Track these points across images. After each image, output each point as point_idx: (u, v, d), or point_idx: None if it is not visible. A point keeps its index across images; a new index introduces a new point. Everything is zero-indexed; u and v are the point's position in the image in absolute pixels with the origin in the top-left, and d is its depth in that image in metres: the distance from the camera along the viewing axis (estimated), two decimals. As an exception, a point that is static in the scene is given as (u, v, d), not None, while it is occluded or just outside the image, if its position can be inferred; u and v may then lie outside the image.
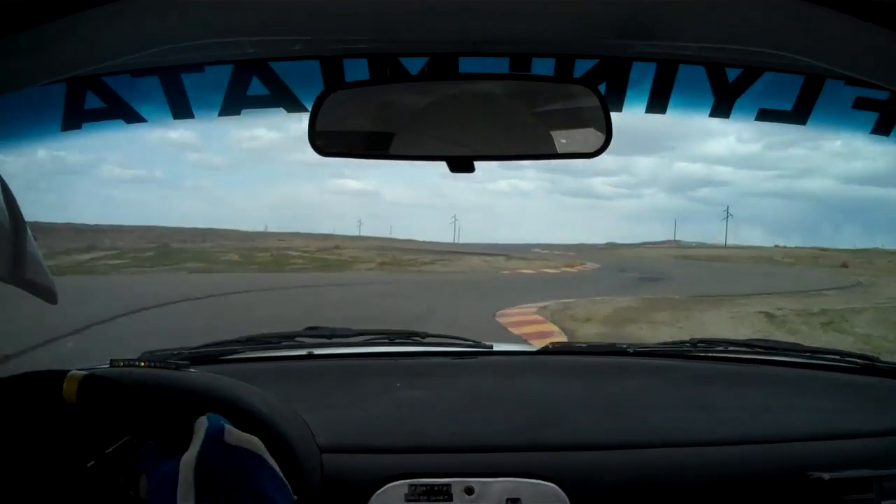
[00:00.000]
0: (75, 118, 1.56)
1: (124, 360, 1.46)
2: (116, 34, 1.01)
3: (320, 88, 1.32)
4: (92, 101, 1.55)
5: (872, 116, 1.58)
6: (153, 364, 1.46)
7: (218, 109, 1.60)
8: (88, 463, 1.20)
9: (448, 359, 1.93)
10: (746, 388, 1.80)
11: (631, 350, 2.00)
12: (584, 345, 2.08)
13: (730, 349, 2.01)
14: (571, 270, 32.62)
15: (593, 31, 1.26)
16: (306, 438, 1.40)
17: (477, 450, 1.46)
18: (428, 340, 2.04)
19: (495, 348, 2.01)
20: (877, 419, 1.60)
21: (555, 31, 1.28)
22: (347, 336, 2.00)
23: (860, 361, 1.91)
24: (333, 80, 1.50)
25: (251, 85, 1.57)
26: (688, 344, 2.04)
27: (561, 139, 1.34)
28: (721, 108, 1.60)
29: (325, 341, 1.99)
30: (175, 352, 1.82)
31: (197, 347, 1.90)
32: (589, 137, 1.32)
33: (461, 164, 1.32)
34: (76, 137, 1.58)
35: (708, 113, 1.60)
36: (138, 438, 1.20)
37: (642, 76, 1.55)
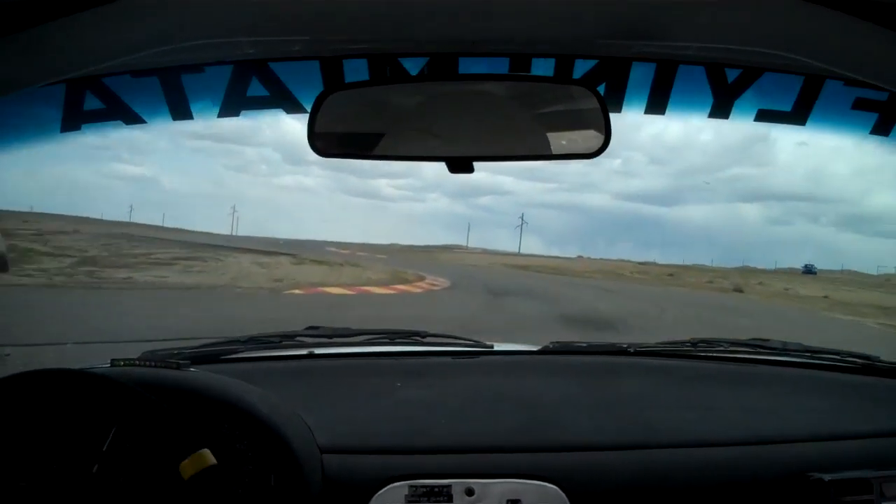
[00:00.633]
0: (75, 119, 1.56)
1: (125, 360, 1.46)
2: (116, 35, 1.01)
3: (319, 89, 1.32)
4: (91, 102, 1.55)
5: (872, 117, 1.58)
6: (154, 363, 1.46)
7: (217, 110, 1.60)
8: (93, 467, 1.20)
9: (449, 358, 1.93)
10: (747, 388, 1.79)
11: (631, 350, 1.99)
12: (585, 344, 2.07)
13: (730, 349, 2.01)
14: (415, 291, 19.80)
15: (593, 32, 1.26)
16: (307, 439, 1.40)
17: (477, 450, 1.45)
18: (428, 340, 2.04)
19: (496, 348, 2.01)
20: (877, 419, 1.60)
21: (554, 32, 1.28)
22: (348, 336, 2.00)
23: (860, 361, 1.90)
24: (333, 81, 1.50)
25: (251, 85, 1.57)
26: (688, 344, 2.04)
27: (560, 140, 1.34)
28: (720, 109, 1.59)
29: (326, 341, 1.99)
30: (176, 351, 1.82)
31: (197, 347, 1.90)
32: (588, 138, 1.32)
33: (461, 165, 1.32)
34: (76, 138, 1.58)
35: (707, 113, 1.60)
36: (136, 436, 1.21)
37: (642, 77, 1.55)
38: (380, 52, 1.46)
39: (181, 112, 1.58)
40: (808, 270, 69.43)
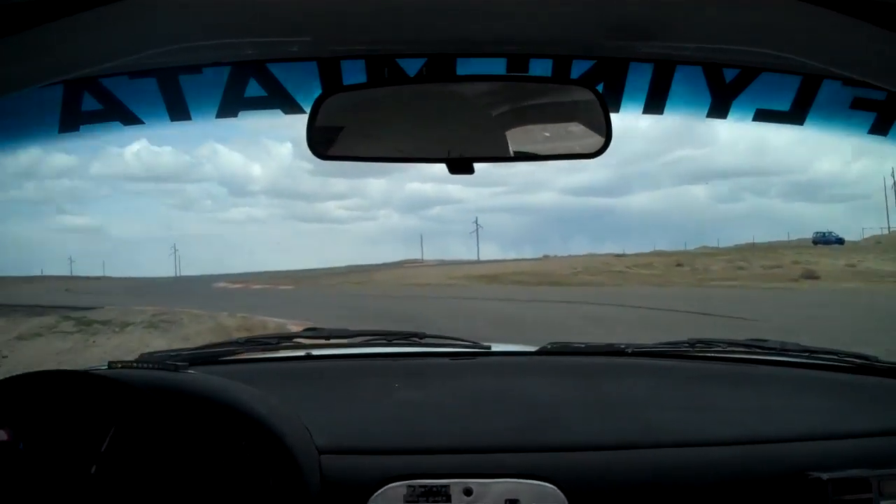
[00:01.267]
0: (73, 120, 1.56)
1: (122, 362, 1.46)
2: (114, 36, 1.01)
3: (318, 90, 1.33)
4: (89, 103, 1.55)
5: (870, 117, 1.58)
6: (151, 365, 1.46)
7: (215, 111, 1.60)
8: (91, 468, 1.20)
9: (446, 359, 1.93)
10: (745, 388, 1.79)
11: (629, 350, 1.99)
12: (583, 345, 2.07)
13: (728, 349, 2.01)
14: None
15: (590, 32, 1.26)
16: (305, 439, 1.40)
17: (475, 450, 1.45)
18: (426, 341, 2.04)
19: (494, 349, 2.01)
20: (875, 419, 1.60)
21: (552, 32, 1.28)
22: (346, 337, 2.00)
23: (858, 361, 1.90)
24: (331, 82, 1.50)
25: (249, 86, 1.57)
26: (686, 344, 2.04)
27: (561, 140, 1.34)
28: (718, 109, 1.59)
29: (324, 342, 1.99)
30: (174, 353, 1.82)
31: (195, 349, 1.90)
32: (588, 138, 1.32)
33: (460, 166, 1.32)
34: (74, 139, 1.58)
35: (705, 113, 1.60)
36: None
37: (639, 77, 1.55)
38: (378, 53, 1.46)
39: (179, 113, 1.58)
40: (828, 240, 51.98)
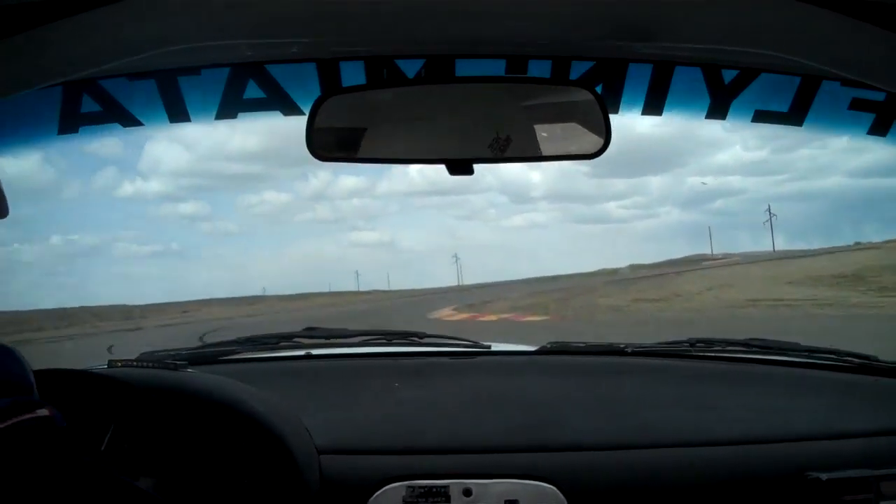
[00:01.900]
0: (72, 121, 1.56)
1: (122, 361, 1.46)
2: (113, 37, 1.01)
3: (317, 91, 1.33)
4: (88, 105, 1.55)
5: (869, 117, 1.58)
6: (151, 364, 1.46)
7: (214, 113, 1.60)
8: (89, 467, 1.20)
9: (446, 359, 1.93)
10: (744, 388, 1.79)
11: (629, 350, 1.99)
12: (583, 345, 2.06)
13: (728, 349, 2.01)
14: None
15: (589, 33, 1.26)
16: (304, 440, 1.40)
17: (475, 451, 1.45)
18: (426, 341, 2.04)
19: (493, 348, 2.01)
20: (875, 418, 1.60)
21: (551, 33, 1.28)
22: (345, 337, 2.00)
23: (858, 361, 1.90)
24: (330, 83, 1.50)
25: (248, 88, 1.57)
26: (686, 344, 2.03)
27: (560, 141, 1.33)
28: (717, 110, 1.59)
29: (324, 342, 1.99)
30: (173, 352, 1.82)
31: (195, 348, 1.90)
32: (588, 139, 1.32)
33: (460, 167, 1.32)
34: (73, 142, 1.58)
35: (704, 115, 1.60)
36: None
37: (638, 78, 1.55)
38: (377, 55, 1.46)
39: (178, 115, 1.58)
40: None
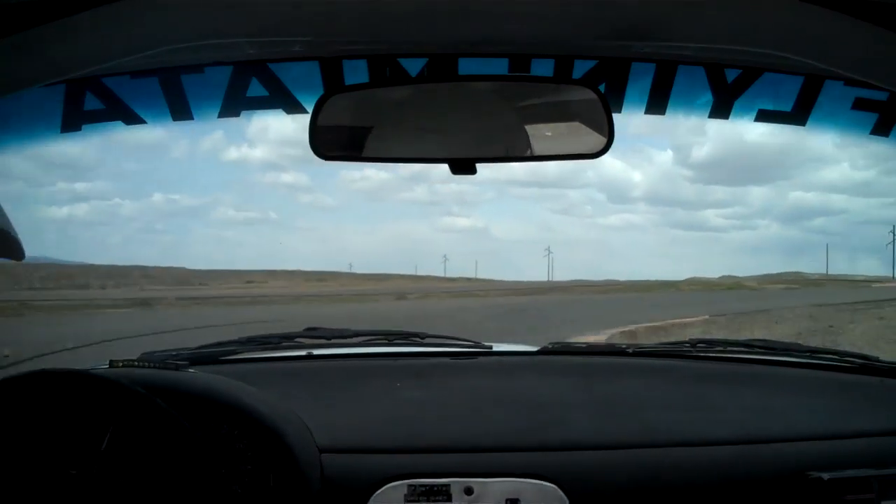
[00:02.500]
0: (75, 119, 1.56)
1: (124, 361, 1.46)
2: (115, 35, 1.01)
3: (320, 90, 1.33)
4: (91, 103, 1.55)
5: (872, 117, 1.58)
6: (152, 364, 1.46)
7: (217, 111, 1.60)
8: (91, 467, 1.20)
9: (447, 359, 1.93)
10: (746, 388, 1.79)
11: (630, 350, 1.99)
12: (584, 345, 2.07)
13: (729, 349, 2.01)
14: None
15: (592, 32, 1.26)
16: (305, 439, 1.40)
17: (476, 450, 1.45)
18: (427, 341, 2.04)
19: (495, 348, 2.01)
20: (876, 419, 1.60)
21: (554, 32, 1.28)
22: (346, 337, 2.00)
23: (859, 361, 1.90)
24: (333, 82, 1.50)
25: (251, 86, 1.57)
26: (687, 344, 2.04)
27: (562, 140, 1.34)
28: (720, 109, 1.59)
29: (325, 342, 1.99)
30: (174, 352, 1.82)
31: (196, 348, 1.90)
32: (591, 138, 1.32)
33: (463, 166, 1.32)
34: (76, 139, 1.58)
35: (707, 114, 1.60)
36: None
37: (641, 77, 1.55)
38: (380, 53, 1.46)
39: (181, 113, 1.58)
40: None
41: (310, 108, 1.30)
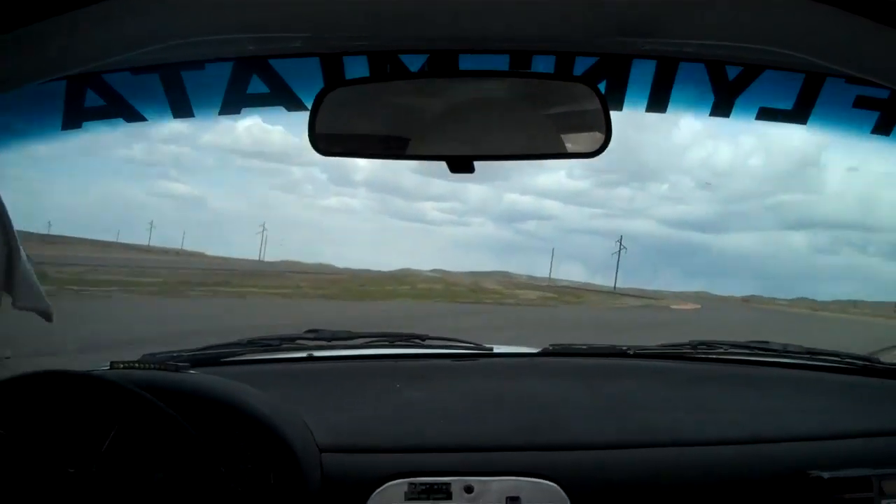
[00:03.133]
0: (75, 116, 1.56)
1: (124, 362, 1.46)
2: (116, 32, 1.01)
3: (320, 86, 1.32)
4: (92, 99, 1.55)
5: (873, 115, 1.58)
6: (153, 366, 1.46)
7: (218, 107, 1.60)
8: (91, 467, 1.20)
9: (448, 361, 1.93)
10: (746, 389, 1.79)
11: (631, 352, 1.99)
12: (585, 346, 2.07)
13: (729, 351, 2.01)
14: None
15: (594, 29, 1.26)
16: (306, 438, 1.40)
17: (476, 449, 1.45)
18: (428, 343, 2.04)
19: (495, 350, 2.01)
20: (876, 419, 1.60)
21: (555, 29, 1.28)
22: (348, 338, 2.00)
23: (859, 362, 1.91)
24: (334, 78, 1.50)
25: (251, 83, 1.57)
26: (687, 346, 2.04)
27: (561, 138, 1.33)
28: (721, 107, 1.59)
29: (326, 343, 1.99)
30: (175, 354, 1.82)
31: (197, 349, 1.90)
32: (589, 136, 1.32)
33: (461, 165, 1.32)
34: (77, 136, 1.58)
35: (709, 111, 1.60)
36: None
37: (643, 74, 1.55)
38: (380, 49, 1.46)
39: (182, 109, 1.58)
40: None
41: (310, 105, 1.29)
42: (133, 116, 1.58)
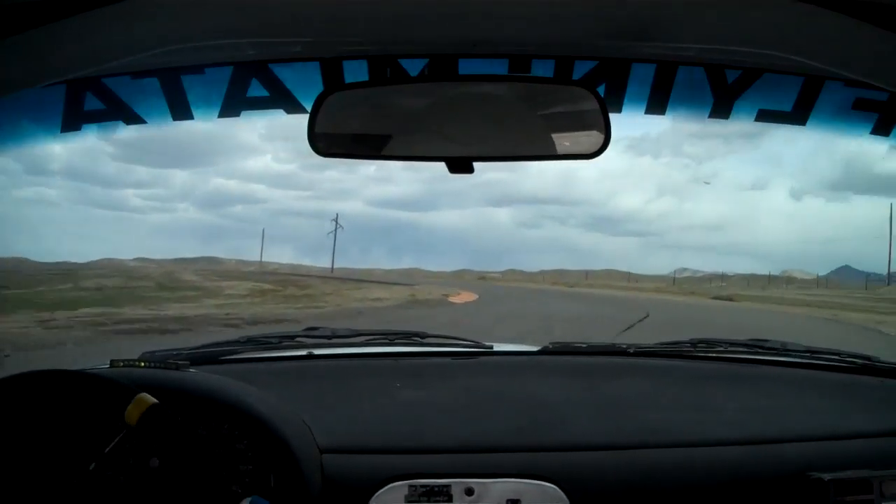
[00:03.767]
0: (75, 120, 1.56)
1: (124, 361, 1.46)
2: (116, 36, 1.01)
3: (320, 90, 1.32)
4: (92, 103, 1.56)
5: (872, 117, 1.58)
6: (153, 364, 1.46)
7: (218, 111, 1.60)
8: (90, 465, 1.20)
9: (448, 359, 1.93)
10: (746, 389, 1.79)
11: (631, 350, 1.99)
12: (585, 345, 2.07)
13: (729, 349, 2.01)
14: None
15: (592, 33, 1.26)
16: (306, 439, 1.40)
17: (477, 450, 1.45)
18: (428, 341, 2.04)
19: (495, 348, 2.01)
20: (877, 419, 1.60)
21: (554, 33, 1.28)
22: (347, 336, 2.00)
23: (860, 361, 1.90)
24: (333, 82, 1.50)
25: (251, 86, 1.57)
26: (688, 344, 2.04)
27: (560, 140, 1.34)
28: (720, 110, 1.59)
29: (325, 342, 1.99)
30: (175, 352, 1.82)
31: (197, 348, 1.90)
32: (588, 139, 1.32)
33: (460, 165, 1.32)
34: (76, 139, 1.58)
35: (707, 114, 1.60)
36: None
37: (642, 78, 1.55)
38: (380, 54, 1.46)
39: (182, 113, 1.58)
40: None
41: (310, 109, 1.30)
42: (133, 120, 1.58)
